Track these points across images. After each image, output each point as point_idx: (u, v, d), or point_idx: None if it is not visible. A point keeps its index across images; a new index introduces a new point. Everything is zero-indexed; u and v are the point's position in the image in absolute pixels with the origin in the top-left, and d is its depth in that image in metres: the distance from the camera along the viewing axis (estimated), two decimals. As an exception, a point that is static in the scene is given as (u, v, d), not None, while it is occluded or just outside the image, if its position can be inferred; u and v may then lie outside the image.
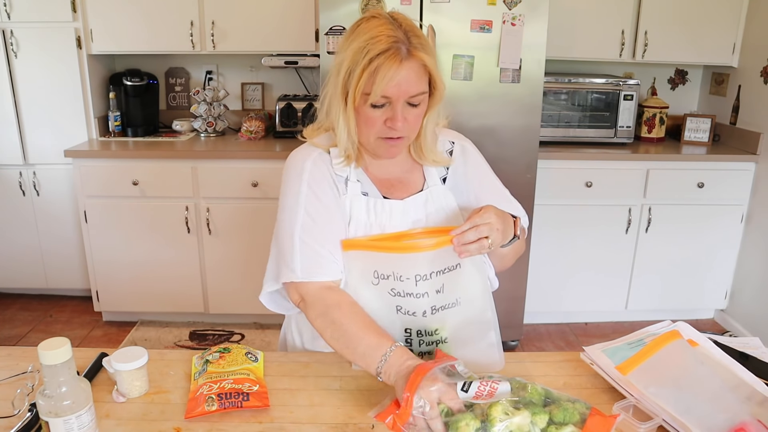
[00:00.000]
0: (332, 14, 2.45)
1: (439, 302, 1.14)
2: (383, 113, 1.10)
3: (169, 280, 3.00)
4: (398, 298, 1.13)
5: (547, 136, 3.00)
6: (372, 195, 1.20)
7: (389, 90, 1.06)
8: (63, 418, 0.83)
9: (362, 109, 1.10)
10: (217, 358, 1.11)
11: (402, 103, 1.09)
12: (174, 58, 3.37)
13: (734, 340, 1.17)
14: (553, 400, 0.94)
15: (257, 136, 3.11)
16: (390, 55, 1.04)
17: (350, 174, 1.19)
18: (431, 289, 1.13)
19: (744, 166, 2.94)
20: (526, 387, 0.95)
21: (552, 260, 3.02)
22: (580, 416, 0.91)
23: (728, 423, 0.89)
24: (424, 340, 1.16)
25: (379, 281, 1.13)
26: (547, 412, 0.91)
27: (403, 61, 1.05)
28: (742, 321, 3.07)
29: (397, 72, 1.04)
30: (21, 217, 3.17)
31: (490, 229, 1.04)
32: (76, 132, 3.05)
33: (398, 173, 1.24)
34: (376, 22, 1.08)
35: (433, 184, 1.23)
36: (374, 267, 1.12)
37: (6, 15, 2.88)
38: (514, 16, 2.45)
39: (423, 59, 1.06)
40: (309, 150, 1.21)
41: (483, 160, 1.31)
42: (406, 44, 1.05)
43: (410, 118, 1.11)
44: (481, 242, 1.04)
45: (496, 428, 0.87)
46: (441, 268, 1.12)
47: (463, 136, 1.32)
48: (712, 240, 3.04)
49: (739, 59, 3.09)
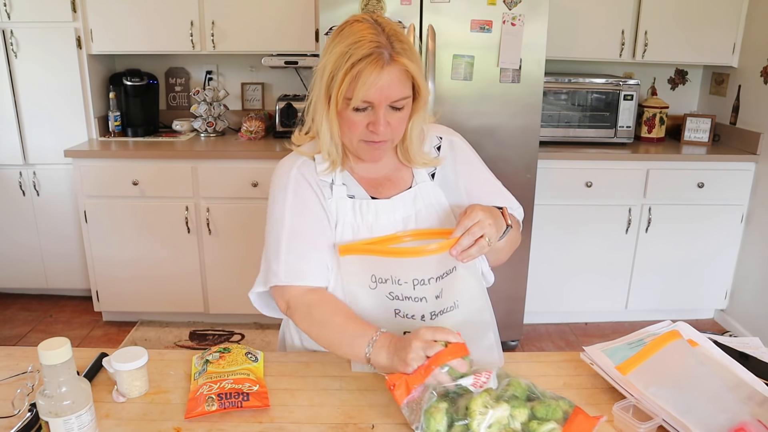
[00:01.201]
0: (332, 14, 2.45)
1: (438, 307, 1.14)
2: (365, 117, 1.10)
3: (169, 280, 3.00)
4: (397, 302, 1.13)
5: (547, 136, 3.00)
6: (359, 196, 1.20)
7: (371, 95, 1.06)
8: (63, 418, 0.83)
9: (345, 113, 1.10)
10: (217, 358, 1.11)
11: (384, 107, 1.09)
12: (174, 58, 3.37)
13: (734, 340, 1.17)
14: (537, 396, 0.94)
15: (257, 136, 3.11)
16: (372, 60, 1.04)
17: (335, 178, 1.19)
18: (430, 294, 1.12)
19: (744, 166, 2.94)
20: (510, 380, 0.96)
21: (552, 260, 3.02)
22: (563, 414, 0.91)
23: (728, 423, 0.89)
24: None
25: (377, 285, 1.13)
26: (529, 407, 0.92)
27: (385, 66, 1.05)
28: (742, 321, 3.07)
29: (379, 77, 1.05)
30: (21, 217, 3.17)
31: (482, 227, 1.04)
32: (76, 132, 3.05)
33: (386, 172, 1.24)
34: (359, 26, 1.09)
35: (422, 180, 1.23)
36: (372, 271, 1.13)
37: (6, 15, 2.88)
38: (514, 16, 2.45)
39: (405, 64, 1.07)
40: (294, 158, 1.22)
41: (473, 154, 1.31)
42: (388, 49, 1.06)
43: (393, 122, 1.11)
44: (480, 243, 1.04)
45: (476, 421, 0.88)
46: (439, 274, 1.12)
47: (452, 131, 1.32)
48: (712, 240, 3.04)
49: (739, 59, 3.09)
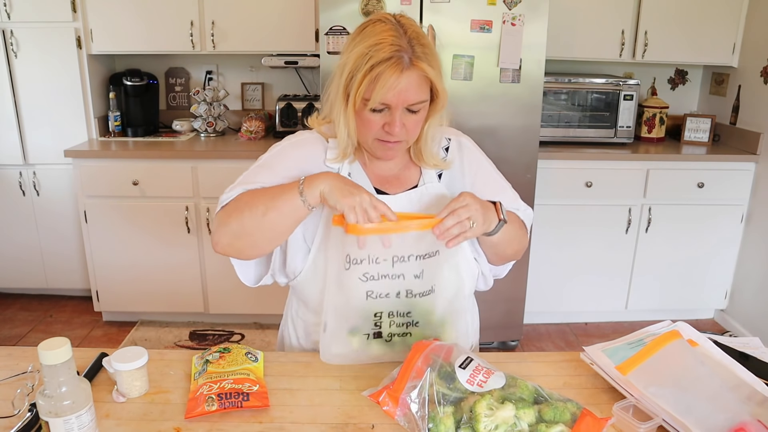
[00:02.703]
0: (332, 14, 2.45)
1: (416, 288, 1.14)
2: (382, 117, 1.10)
3: (169, 280, 3.00)
4: (371, 282, 1.12)
5: (547, 136, 3.00)
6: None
7: (389, 98, 1.06)
8: (63, 418, 0.83)
9: (362, 113, 1.11)
10: (217, 358, 1.11)
11: (401, 110, 1.09)
12: (174, 58, 3.37)
13: (734, 340, 1.17)
14: (545, 398, 0.94)
15: (257, 136, 3.11)
16: (392, 64, 1.04)
17: (342, 168, 1.19)
18: (408, 272, 1.12)
19: (744, 166, 2.95)
20: (517, 382, 0.95)
21: (552, 260, 3.02)
22: (571, 416, 0.91)
23: (728, 423, 0.89)
24: (395, 321, 1.16)
25: (350, 266, 1.10)
26: (535, 408, 0.91)
27: (405, 71, 1.05)
28: (742, 321, 3.07)
29: (398, 81, 1.05)
30: (21, 217, 3.17)
31: (468, 210, 1.04)
32: (76, 132, 3.05)
33: (395, 169, 1.24)
34: (381, 27, 1.08)
35: (429, 180, 1.23)
36: (346, 251, 1.10)
37: (6, 15, 2.88)
38: (514, 16, 2.45)
39: (425, 69, 1.06)
40: (310, 132, 1.24)
41: (481, 155, 1.31)
42: (408, 53, 1.05)
43: (409, 124, 1.12)
44: (462, 223, 1.03)
45: (482, 424, 0.87)
46: (420, 253, 1.11)
47: (461, 133, 1.32)
48: (712, 240, 3.04)
49: (739, 59, 3.09)
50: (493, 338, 2.93)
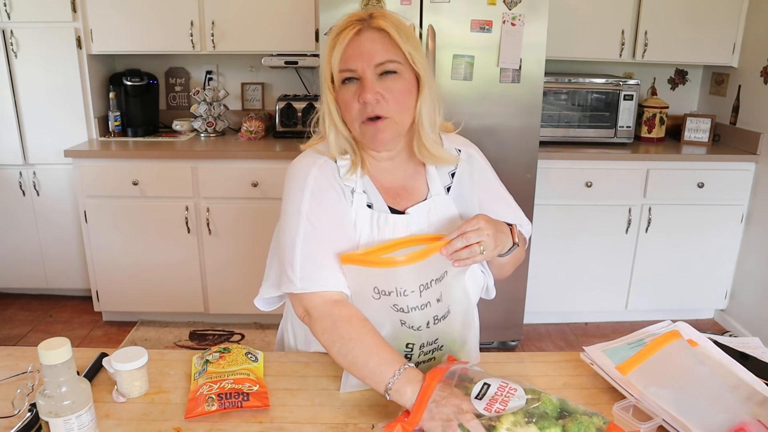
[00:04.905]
0: (332, 14, 2.44)
1: (440, 312, 1.10)
2: (357, 89, 1.09)
3: (169, 280, 3.00)
4: (401, 314, 1.08)
5: (547, 136, 3.00)
6: (377, 207, 1.17)
7: (351, 60, 1.08)
8: (63, 418, 0.83)
9: (340, 93, 1.11)
10: (217, 358, 1.11)
11: (371, 73, 1.08)
12: (174, 58, 3.37)
13: (734, 340, 1.17)
14: (569, 412, 0.89)
15: (257, 136, 3.11)
16: (349, 28, 1.08)
17: (356, 185, 1.16)
18: (432, 297, 1.08)
19: (744, 166, 2.94)
20: (540, 397, 0.90)
21: (552, 260, 3.02)
22: (597, 430, 0.86)
23: (728, 423, 0.89)
24: (424, 351, 1.13)
25: (381, 296, 1.07)
26: (560, 425, 0.86)
27: (362, 31, 1.08)
28: (742, 321, 3.07)
29: (356, 39, 1.07)
30: (21, 217, 3.17)
31: (480, 234, 1.02)
32: (76, 132, 3.05)
33: (402, 179, 1.21)
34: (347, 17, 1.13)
35: (437, 193, 1.20)
36: (374, 284, 1.06)
37: (6, 15, 2.88)
38: (514, 16, 2.45)
39: (383, 26, 1.08)
40: (314, 157, 1.17)
41: (489, 168, 1.29)
42: (367, 21, 1.09)
43: (387, 94, 1.09)
44: (472, 248, 1.02)
45: None
46: (437, 276, 1.08)
47: (470, 143, 1.30)
48: (712, 240, 3.04)
49: (739, 59, 3.08)
50: (493, 338, 2.93)
